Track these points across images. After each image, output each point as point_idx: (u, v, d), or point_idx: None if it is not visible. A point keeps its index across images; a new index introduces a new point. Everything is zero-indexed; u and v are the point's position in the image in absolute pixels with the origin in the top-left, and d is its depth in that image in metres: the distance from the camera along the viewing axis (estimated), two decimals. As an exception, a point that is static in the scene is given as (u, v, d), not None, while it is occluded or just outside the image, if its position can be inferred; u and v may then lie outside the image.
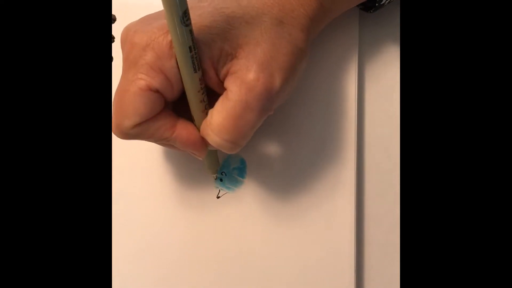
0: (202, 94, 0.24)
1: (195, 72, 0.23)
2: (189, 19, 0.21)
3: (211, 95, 0.25)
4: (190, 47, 0.22)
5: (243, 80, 0.23)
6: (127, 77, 0.23)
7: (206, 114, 0.25)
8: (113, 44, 0.33)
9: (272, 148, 0.31)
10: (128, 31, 0.24)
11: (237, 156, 0.31)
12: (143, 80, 0.23)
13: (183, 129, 0.25)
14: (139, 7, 0.33)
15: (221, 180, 0.31)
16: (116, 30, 0.33)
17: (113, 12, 0.33)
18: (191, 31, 0.21)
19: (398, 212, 0.32)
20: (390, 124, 0.33)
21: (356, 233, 0.31)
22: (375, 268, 0.32)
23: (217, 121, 0.23)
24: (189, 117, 0.26)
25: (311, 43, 0.27)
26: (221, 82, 0.24)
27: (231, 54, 0.23)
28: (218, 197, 0.31)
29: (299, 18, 0.25)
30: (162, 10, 0.21)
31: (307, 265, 0.30)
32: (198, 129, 0.25)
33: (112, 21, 0.33)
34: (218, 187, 0.31)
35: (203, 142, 0.26)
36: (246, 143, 0.25)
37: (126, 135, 0.24)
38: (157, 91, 0.23)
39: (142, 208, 0.31)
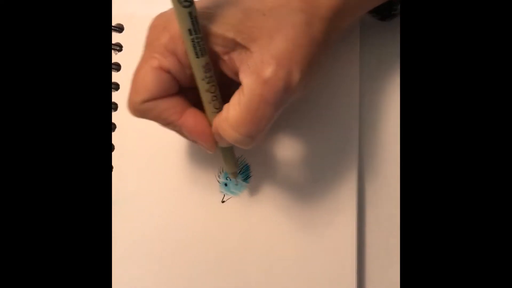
0: (208, 83, 0.24)
1: (197, 57, 0.23)
2: (188, 1, 0.21)
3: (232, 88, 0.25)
4: (189, 30, 0.22)
5: (259, 74, 0.23)
6: (143, 56, 0.25)
7: (214, 107, 0.25)
8: (120, 53, 0.34)
9: (274, 153, 0.32)
10: (154, 17, 0.25)
11: (242, 162, 0.32)
12: (156, 59, 0.24)
13: (191, 117, 0.25)
14: (147, 18, 0.34)
15: (226, 184, 0.32)
16: (124, 40, 0.34)
17: (121, 22, 0.34)
18: (190, 13, 0.21)
19: (398, 214, 0.32)
20: (390, 124, 0.33)
21: (357, 235, 0.31)
22: (376, 271, 0.32)
23: (233, 115, 0.24)
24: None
25: (335, 41, 0.26)
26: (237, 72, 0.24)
27: (244, 47, 0.23)
28: (223, 202, 0.32)
29: (320, 8, 0.24)
30: None
31: (309, 267, 0.31)
32: (209, 122, 0.26)
33: (120, 30, 0.34)
34: (223, 192, 0.32)
35: (211, 134, 0.26)
36: (262, 137, 0.25)
37: (136, 111, 0.25)
38: (168, 71, 0.24)
39: (146, 212, 0.32)
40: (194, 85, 0.25)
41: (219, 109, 0.25)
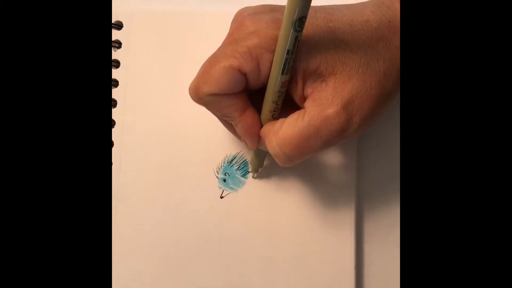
0: (278, 96, 0.25)
1: (282, 74, 0.23)
2: (301, 26, 0.21)
3: (290, 105, 0.26)
4: (288, 50, 0.22)
5: (324, 109, 0.24)
6: (224, 50, 0.24)
7: (272, 116, 0.26)
8: (119, 50, 0.34)
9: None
10: (243, 12, 0.25)
11: (241, 158, 0.32)
12: (237, 59, 0.23)
13: (249, 117, 0.26)
14: (145, 14, 0.34)
15: (224, 180, 0.32)
16: (123, 37, 0.34)
17: (120, 19, 0.34)
18: (297, 37, 0.22)
19: (398, 211, 0.32)
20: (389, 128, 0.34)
21: (356, 231, 0.31)
22: (375, 268, 0.32)
23: (284, 134, 0.24)
24: (257, 109, 0.26)
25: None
26: (303, 98, 0.25)
27: (323, 77, 0.24)
28: (221, 197, 0.32)
29: (399, 59, 0.25)
30: (283, 6, 0.21)
31: (308, 262, 0.31)
32: (261, 124, 0.26)
33: (119, 27, 0.34)
34: (221, 187, 0.32)
35: (259, 136, 0.27)
36: (298, 162, 0.25)
37: (200, 99, 0.25)
38: (244, 74, 0.24)
39: (145, 208, 0.32)
40: (258, 87, 0.25)
41: (276, 118, 0.26)
